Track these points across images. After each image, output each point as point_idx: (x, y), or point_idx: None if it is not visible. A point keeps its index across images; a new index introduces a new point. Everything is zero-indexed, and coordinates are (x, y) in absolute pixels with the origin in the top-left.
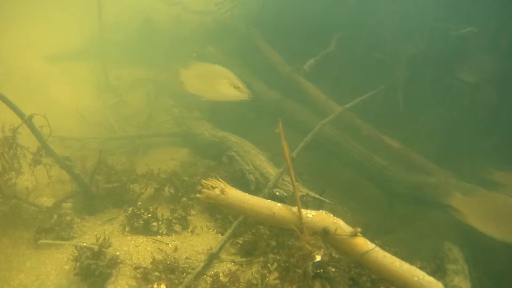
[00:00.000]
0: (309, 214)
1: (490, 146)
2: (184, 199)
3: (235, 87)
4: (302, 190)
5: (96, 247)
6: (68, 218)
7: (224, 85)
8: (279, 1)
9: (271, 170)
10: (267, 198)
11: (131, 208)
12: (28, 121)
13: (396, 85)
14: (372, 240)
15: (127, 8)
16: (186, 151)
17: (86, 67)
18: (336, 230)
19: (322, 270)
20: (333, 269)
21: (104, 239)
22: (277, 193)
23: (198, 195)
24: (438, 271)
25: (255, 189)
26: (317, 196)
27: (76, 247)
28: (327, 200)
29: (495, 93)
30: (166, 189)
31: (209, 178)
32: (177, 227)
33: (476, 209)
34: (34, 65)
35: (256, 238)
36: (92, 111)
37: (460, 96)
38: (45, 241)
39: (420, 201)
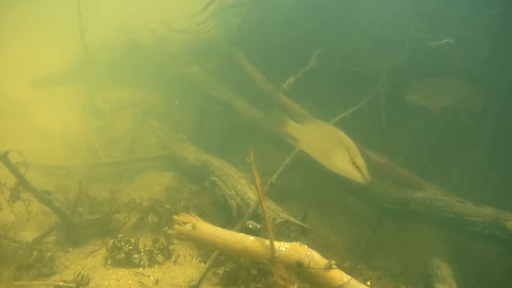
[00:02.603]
0: (282, 247)
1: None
2: (165, 228)
3: (353, 163)
4: (281, 216)
5: (74, 286)
6: (48, 254)
7: (342, 157)
8: (258, 19)
9: (252, 195)
10: (240, 231)
11: (112, 240)
12: (3, 157)
13: (378, 98)
14: (360, 260)
15: (112, 29)
16: (171, 175)
17: (72, 91)
18: (309, 263)
19: None
20: None
21: (82, 276)
22: (250, 226)
23: (169, 231)
24: None
25: (237, 215)
26: (297, 222)
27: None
28: (306, 226)
29: (480, 101)
30: (149, 217)
31: (181, 213)
32: (160, 258)
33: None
34: (19, 90)
35: (237, 267)
36: (78, 136)
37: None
38: (20, 283)
39: (408, 217)
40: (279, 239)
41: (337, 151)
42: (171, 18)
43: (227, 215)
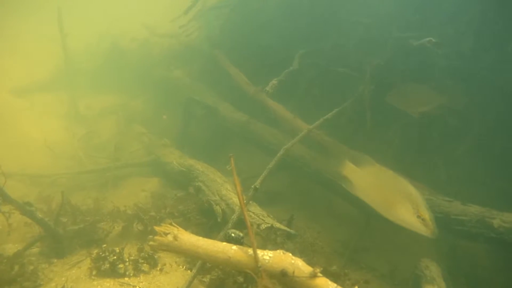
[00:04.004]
0: (266, 256)
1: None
2: (150, 236)
3: (418, 216)
4: (267, 221)
5: None
6: (31, 267)
7: (405, 208)
8: (240, 21)
9: (236, 200)
10: (223, 240)
11: (96, 250)
12: None
13: (362, 98)
14: (348, 262)
15: (95, 34)
16: (156, 181)
17: (55, 98)
18: (294, 272)
19: None
20: None
21: None
22: (233, 235)
23: (151, 242)
24: None
25: (222, 221)
26: (282, 227)
27: None
28: (292, 232)
29: (463, 99)
30: (135, 225)
31: (162, 224)
32: (145, 267)
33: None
34: (1, 99)
35: (223, 275)
36: (62, 144)
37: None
38: None
39: None
40: (265, 244)
41: (400, 201)
42: (154, 22)
43: (212, 221)
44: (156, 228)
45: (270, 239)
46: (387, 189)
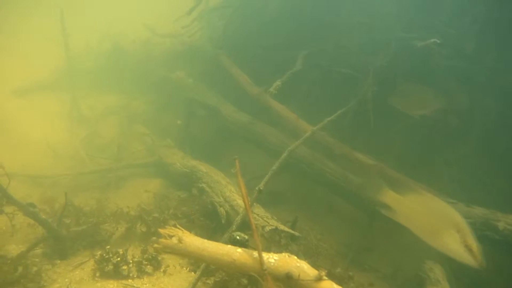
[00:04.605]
0: (271, 259)
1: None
2: (154, 238)
3: (466, 246)
4: (271, 224)
5: None
6: (35, 268)
7: (452, 237)
8: (242, 21)
9: (240, 202)
10: (228, 243)
11: (99, 252)
12: None
13: (365, 99)
14: (352, 263)
15: (96, 35)
16: (159, 182)
17: (57, 99)
18: (299, 275)
19: None
20: None
21: None
22: (238, 237)
23: (155, 245)
24: None
25: (226, 223)
26: (286, 229)
27: None
28: (296, 234)
29: (466, 99)
30: (138, 226)
31: (167, 226)
32: (149, 268)
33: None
34: (2, 100)
35: (227, 277)
36: (64, 144)
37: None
38: None
39: None
40: (269, 246)
41: (446, 230)
42: (156, 22)
43: (216, 223)
44: (161, 231)
45: (274, 241)
46: (433, 217)
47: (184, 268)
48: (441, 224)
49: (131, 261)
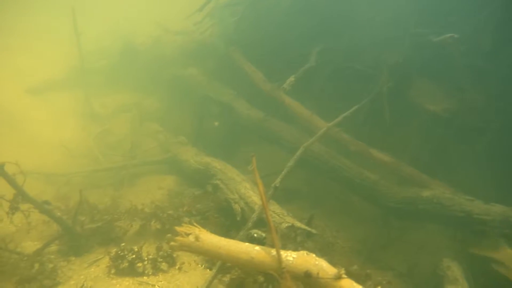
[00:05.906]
0: (289, 257)
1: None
2: (169, 235)
3: None
4: (287, 220)
5: None
6: (50, 265)
7: None
8: (255, 18)
9: (256, 199)
10: (245, 240)
11: (114, 249)
12: (0, 170)
13: (380, 96)
14: (367, 260)
15: (108, 33)
16: (173, 179)
17: (70, 97)
18: (318, 273)
19: None
20: None
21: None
22: (255, 235)
23: (172, 243)
24: None
25: (241, 220)
26: (303, 226)
27: None
28: (313, 231)
29: (482, 96)
30: (152, 223)
31: (183, 224)
32: (164, 266)
33: None
34: (16, 98)
35: (243, 275)
36: (77, 142)
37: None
38: None
39: (415, 216)
40: (285, 243)
41: None
42: (168, 19)
43: (231, 220)
44: (177, 229)
45: (290, 238)
46: None
47: (200, 265)
48: None
49: (146, 258)
